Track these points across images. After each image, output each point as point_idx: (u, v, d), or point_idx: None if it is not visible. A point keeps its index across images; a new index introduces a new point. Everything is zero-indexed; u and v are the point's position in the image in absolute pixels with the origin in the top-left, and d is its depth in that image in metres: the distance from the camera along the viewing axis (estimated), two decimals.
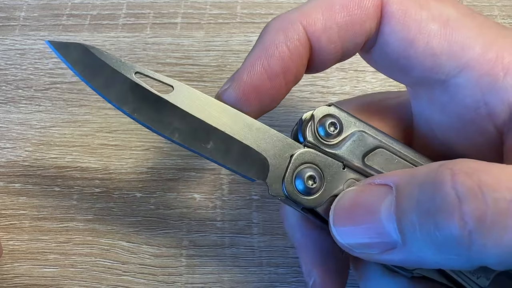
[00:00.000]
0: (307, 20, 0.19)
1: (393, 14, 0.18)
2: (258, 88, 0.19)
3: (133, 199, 0.30)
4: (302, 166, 0.19)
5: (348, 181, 0.19)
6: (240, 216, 0.30)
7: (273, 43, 0.19)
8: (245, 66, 0.20)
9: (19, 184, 0.30)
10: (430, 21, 0.18)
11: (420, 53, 0.18)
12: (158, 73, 0.20)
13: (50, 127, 0.32)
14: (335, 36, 0.19)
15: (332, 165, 0.20)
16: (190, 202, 0.30)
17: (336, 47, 0.19)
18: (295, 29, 0.19)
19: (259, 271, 0.29)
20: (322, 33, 0.19)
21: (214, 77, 0.33)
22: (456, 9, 0.18)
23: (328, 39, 0.19)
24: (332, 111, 0.20)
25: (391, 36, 0.19)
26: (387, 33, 0.19)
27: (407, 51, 0.18)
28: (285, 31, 0.19)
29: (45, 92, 0.33)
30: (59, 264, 0.29)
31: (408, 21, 0.18)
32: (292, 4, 0.35)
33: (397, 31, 0.18)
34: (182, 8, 0.35)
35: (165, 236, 0.29)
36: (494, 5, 0.35)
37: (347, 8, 0.18)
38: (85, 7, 0.35)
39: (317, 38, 0.19)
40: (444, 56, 0.18)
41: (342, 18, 0.18)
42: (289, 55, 0.19)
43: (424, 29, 0.18)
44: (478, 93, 0.18)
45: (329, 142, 0.20)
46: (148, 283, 0.28)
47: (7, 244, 0.29)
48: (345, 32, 0.19)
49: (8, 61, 0.34)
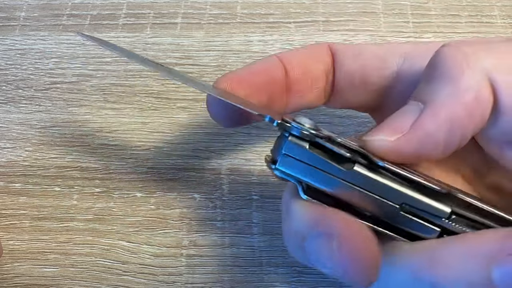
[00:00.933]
0: (278, 54, 0.24)
1: (338, 48, 0.23)
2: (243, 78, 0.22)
3: (133, 199, 0.30)
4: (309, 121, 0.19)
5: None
6: (240, 216, 0.30)
7: (250, 70, 0.23)
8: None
9: (19, 184, 0.31)
10: (366, 45, 0.23)
11: (368, 58, 0.22)
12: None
13: (50, 127, 0.32)
14: (302, 59, 0.23)
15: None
16: (190, 202, 0.30)
17: (307, 70, 0.23)
18: (270, 58, 0.24)
19: (259, 271, 0.29)
20: (290, 58, 0.23)
21: (214, 77, 0.33)
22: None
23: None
24: None
25: (343, 59, 0.23)
26: (340, 59, 0.23)
27: (357, 61, 0.22)
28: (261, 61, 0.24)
29: (45, 92, 0.33)
30: (59, 264, 0.29)
31: (351, 47, 0.23)
32: (292, 4, 0.35)
33: (345, 52, 0.23)
34: (182, 8, 0.35)
35: (165, 236, 0.29)
36: (494, 5, 0.35)
37: (306, 47, 0.24)
38: (85, 7, 0.35)
39: (289, 62, 0.23)
40: (386, 54, 0.22)
41: (303, 50, 0.24)
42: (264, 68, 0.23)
43: (364, 47, 0.23)
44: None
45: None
46: (148, 283, 0.28)
47: (7, 244, 0.29)
48: (307, 57, 0.23)
49: (8, 61, 0.34)
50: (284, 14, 0.35)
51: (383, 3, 0.35)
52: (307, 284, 0.28)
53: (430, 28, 0.34)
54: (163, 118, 0.32)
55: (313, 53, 0.23)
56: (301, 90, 0.23)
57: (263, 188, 0.30)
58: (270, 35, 0.34)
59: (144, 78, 0.33)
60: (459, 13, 0.35)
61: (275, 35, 0.34)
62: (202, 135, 0.31)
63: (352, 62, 0.23)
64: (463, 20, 0.34)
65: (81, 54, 0.34)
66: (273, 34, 0.34)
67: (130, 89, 0.33)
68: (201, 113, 0.32)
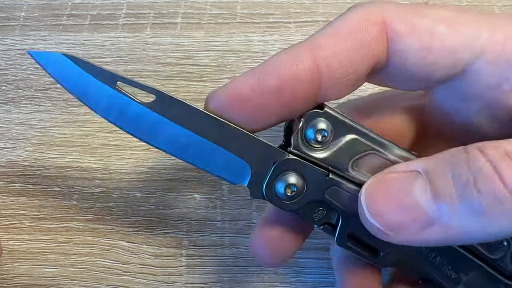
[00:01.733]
0: (316, 47, 0.19)
1: (401, 31, 0.19)
2: (244, 99, 0.19)
3: (133, 199, 0.30)
4: (284, 174, 0.19)
5: (331, 188, 0.20)
6: (240, 216, 0.30)
7: (274, 64, 0.19)
8: (240, 76, 0.20)
9: (19, 184, 0.31)
10: (436, 24, 0.19)
11: (440, 55, 0.19)
12: (141, 82, 0.20)
13: (50, 127, 0.32)
14: (344, 60, 0.19)
15: (315, 173, 0.19)
16: (190, 202, 0.30)
17: (347, 71, 0.19)
18: (301, 55, 0.19)
19: (259, 271, 0.29)
20: (331, 58, 0.19)
21: (214, 77, 0.33)
22: (449, 10, 0.20)
23: (338, 64, 0.19)
24: (323, 114, 0.19)
25: (407, 51, 0.19)
26: (402, 50, 0.19)
27: (426, 58, 0.19)
28: (291, 56, 0.19)
29: (45, 92, 0.33)
30: (59, 264, 0.29)
31: (419, 32, 0.19)
32: (292, 4, 0.35)
33: (411, 43, 0.19)
34: (182, 8, 0.35)
35: (165, 236, 0.29)
36: (494, 5, 0.35)
37: (353, 33, 0.19)
38: (85, 7, 0.35)
39: (327, 63, 0.19)
40: (460, 50, 0.19)
41: (350, 43, 0.19)
42: (288, 75, 0.19)
43: (435, 33, 0.19)
44: (497, 72, 0.19)
45: (316, 147, 0.20)
46: (148, 283, 0.28)
47: (7, 244, 0.29)
48: (354, 56, 0.19)
49: (8, 61, 0.34)
50: (284, 14, 0.35)
51: None
52: (307, 284, 0.28)
53: None
54: None
55: (363, 46, 0.19)
56: (337, 94, 0.20)
57: None
58: (270, 35, 0.34)
59: (144, 78, 0.33)
60: None
61: (275, 35, 0.34)
62: None
63: (418, 59, 0.19)
64: None
65: (81, 54, 0.34)
66: (273, 34, 0.34)
67: None
68: None
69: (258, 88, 0.19)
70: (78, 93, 0.20)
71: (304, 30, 0.34)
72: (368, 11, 0.19)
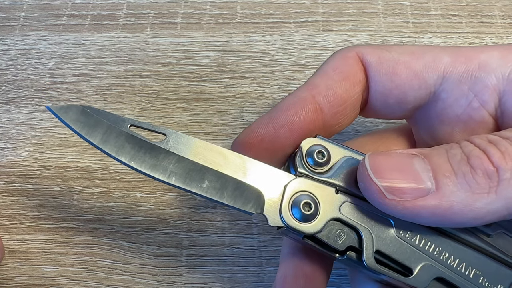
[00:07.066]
0: (312, 87, 0.22)
1: (371, 61, 0.22)
2: (263, 137, 0.22)
3: (133, 199, 0.30)
4: (296, 195, 0.20)
5: (344, 204, 0.20)
6: (240, 216, 0.30)
7: (282, 105, 0.22)
8: (254, 122, 0.22)
9: (19, 184, 0.31)
10: (400, 55, 0.22)
11: (406, 78, 0.22)
12: (152, 124, 0.21)
13: (51, 127, 0.32)
14: (337, 90, 0.22)
15: (325, 190, 0.20)
16: (190, 202, 0.30)
17: (342, 98, 0.22)
18: (302, 94, 0.22)
19: (259, 271, 0.29)
20: (326, 91, 0.22)
21: (214, 77, 0.33)
22: (413, 46, 0.23)
23: (333, 94, 0.22)
24: (317, 141, 0.21)
25: (378, 77, 0.22)
26: (374, 76, 0.22)
27: (394, 81, 0.22)
28: (294, 97, 0.22)
29: (45, 92, 0.33)
30: (59, 264, 0.29)
31: (386, 61, 0.22)
32: (292, 4, 0.35)
33: (379, 70, 0.22)
34: (182, 8, 0.35)
35: (165, 236, 0.29)
36: (494, 5, 0.35)
37: (336, 69, 0.23)
38: (85, 7, 0.35)
39: (323, 96, 0.22)
40: (424, 72, 0.22)
41: (336, 76, 0.22)
42: (294, 111, 0.22)
43: (399, 59, 0.22)
44: (465, 89, 0.22)
45: (319, 170, 0.21)
46: (148, 283, 0.28)
47: (7, 244, 0.29)
48: (343, 85, 0.22)
49: (8, 61, 0.34)
50: (284, 14, 0.35)
51: (383, 3, 0.35)
52: None
53: (430, 28, 0.34)
54: (163, 118, 0.32)
55: (348, 76, 0.22)
56: (340, 121, 0.23)
57: None
58: (270, 35, 0.34)
59: (144, 78, 0.33)
60: (459, 13, 0.35)
61: (275, 35, 0.34)
62: (202, 135, 0.31)
63: (387, 82, 0.22)
64: (463, 20, 0.34)
65: (81, 55, 0.34)
66: (273, 34, 0.34)
67: (130, 89, 0.33)
68: (200, 113, 0.32)
69: (272, 125, 0.22)
70: (93, 139, 0.21)
71: (304, 30, 0.34)
72: (345, 51, 0.23)
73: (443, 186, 0.18)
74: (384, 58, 0.22)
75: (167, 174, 0.20)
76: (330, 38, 0.34)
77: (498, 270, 0.20)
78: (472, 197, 0.18)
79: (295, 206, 0.20)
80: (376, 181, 0.19)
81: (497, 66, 0.21)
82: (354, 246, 0.20)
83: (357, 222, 0.20)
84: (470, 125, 0.22)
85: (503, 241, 0.21)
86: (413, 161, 0.19)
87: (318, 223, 0.20)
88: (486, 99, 0.21)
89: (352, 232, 0.20)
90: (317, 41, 0.34)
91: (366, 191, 0.19)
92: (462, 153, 0.19)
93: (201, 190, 0.20)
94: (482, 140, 0.19)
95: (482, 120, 0.22)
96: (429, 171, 0.19)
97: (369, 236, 0.20)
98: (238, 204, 0.20)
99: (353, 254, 0.20)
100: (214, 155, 0.20)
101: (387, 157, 0.19)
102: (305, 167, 0.21)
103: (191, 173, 0.20)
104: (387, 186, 0.19)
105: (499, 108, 0.21)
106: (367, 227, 0.20)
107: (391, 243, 0.20)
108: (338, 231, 0.20)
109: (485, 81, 0.21)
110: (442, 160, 0.19)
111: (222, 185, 0.20)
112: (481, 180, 0.18)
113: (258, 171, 0.20)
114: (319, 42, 0.34)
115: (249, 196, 0.20)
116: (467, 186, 0.18)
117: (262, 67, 0.33)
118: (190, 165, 0.20)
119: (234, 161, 0.20)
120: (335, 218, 0.20)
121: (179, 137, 0.21)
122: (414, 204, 0.18)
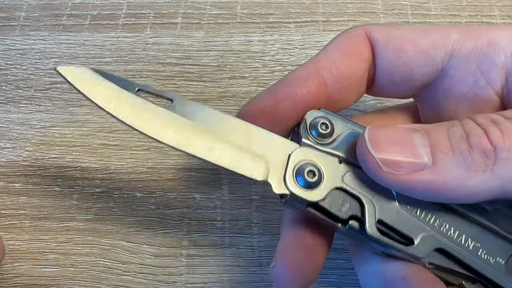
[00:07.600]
0: (316, 61, 0.22)
1: (378, 38, 0.22)
2: (264, 109, 0.22)
3: (133, 199, 0.30)
4: (300, 163, 0.20)
5: (346, 174, 0.20)
6: (240, 216, 0.30)
7: (287, 78, 0.22)
8: (257, 95, 0.23)
9: (19, 184, 0.31)
10: (408, 32, 0.22)
11: (413, 55, 0.22)
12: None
13: (51, 127, 0.32)
14: (341, 66, 0.22)
15: (328, 160, 0.20)
16: (190, 202, 0.30)
17: (345, 74, 0.22)
18: (306, 68, 0.22)
19: (259, 271, 0.29)
20: (329, 65, 0.22)
21: (214, 77, 0.33)
22: (421, 25, 0.24)
23: (336, 69, 0.22)
24: (321, 113, 0.21)
25: (384, 53, 0.22)
26: (380, 52, 0.22)
27: (401, 57, 0.22)
28: (299, 71, 0.22)
29: (45, 92, 0.33)
30: (59, 264, 0.29)
31: (393, 38, 0.22)
32: (292, 4, 0.35)
33: (386, 46, 0.22)
34: (182, 8, 0.35)
35: (165, 236, 0.29)
36: (494, 5, 0.35)
37: (341, 45, 0.23)
38: (85, 7, 0.35)
39: (328, 70, 0.22)
40: (431, 49, 0.22)
41: (340, 51, 0.22)
42: (298, 84, 0.22)
43: (406, 36, 0.22)
44: (472, 67, 0.21)
45: (322, 141, 0.21)
46: (148, 283, 0.28)
47: (7, 244, 0.29)
48: (347, 61, 0.22)
49: (8, 61, 0.34)
50: (284, 14, 0.35)
51: (383, 3, 0.35)
52: None
53: None
54: None
55: (353, 52, 0.22)
56: (344, 97, 0.23)
57: (263, 188, 0.30)
58: (270, 35, 0.34)
59: (144, 78, 0.33)
60: (459, 13, 0.35)
61: (275, 35, 0.34)
62: None
63: (394, 58, 0.22)
64: (463, 20, 0.34)
65: (81, 54, 0.34)
66: (273, 34, 0.34)
67: None
68: None
69: (273, 98, 0.22)
70: (99, 101, 0.21)
71: (304, 30, 0.34)
72: (352, 29, 0.23)
73: (440, 162, 0.18)
74: (391, 35, 0.22)
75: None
76: (330, 38, 0.33)
77: (497, 243, 0.20)
78: (467, 174, 0.18)
79: (299, 174, 0.20)
80: (373, 153, 0.19)
81: (507, 44, 0.21)
82: (357, 215, 0.20)
83: (360, 192, 0.20)
84: (476, 104, 0.22)
85: (501, 217, 0.21)
86: (412, 136, 0.19)
87: (322, 191, 0.20)
88: (493, 77, 0.21)
89: (354, 201, 0.20)
90: (317, 41, 0.34)
91: (363, 163, 0.19)
92: (463, 131, 0.19)
93: (209, 157, 0.20)
94: (485, 119, 0.19)
95: (488, 99, 0.22)
96: (427, 146, 0.19)
97: (371, 205, 0.20)
98: (243, 171, 0.20)
99: (355, 223, 0.20)
100: (220, 121, 0.21)
101: (387, 130, 0.20)
102: (309, 138, 0.21)
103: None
104: (383, 158, 0.19)
105: (506, 87, 0.21)
106: (369, 197, 0.20)
107: (392, 213, 0.20)
108: (340, 199, 0.20)
109: (493, 59, 0.21)
110: (442, 137, 0.19)
111: (230, 151, 0.20)
112: (478, 158, 0.18)
113: (263, 139, 0.21)
114: (319, 42, 0.34)
115: (254, 163, 0.20)
116: (463, 163, 0.18)
117: (262, 67, 0.33)
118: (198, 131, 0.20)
119: (240, 128, 0.21)
120: (338, 187, 0.20)
121: (185, 103, 0.21)
122: (409, 177, 0.18)
